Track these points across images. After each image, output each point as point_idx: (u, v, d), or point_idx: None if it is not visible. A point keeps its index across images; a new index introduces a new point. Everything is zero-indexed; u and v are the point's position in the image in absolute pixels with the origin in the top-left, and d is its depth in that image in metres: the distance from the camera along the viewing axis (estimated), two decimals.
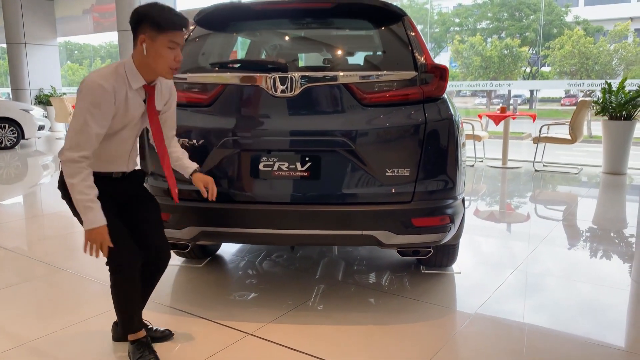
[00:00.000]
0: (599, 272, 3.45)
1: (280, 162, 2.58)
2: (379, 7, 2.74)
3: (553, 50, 24.03)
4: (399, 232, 2.57)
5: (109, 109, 1.98)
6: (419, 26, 34.54)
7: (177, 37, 2.01)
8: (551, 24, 27.84)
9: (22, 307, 2.91)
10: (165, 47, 2.00)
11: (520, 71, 26.42)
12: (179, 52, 2.05)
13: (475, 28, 30.00)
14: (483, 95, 21.04)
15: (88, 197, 1.95)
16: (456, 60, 27.71)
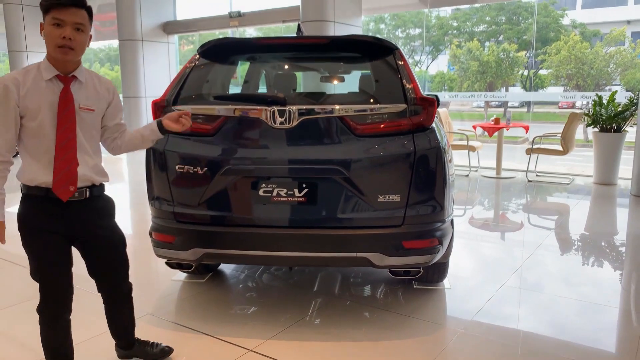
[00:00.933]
0: (587, 285, 3.62)
1: (279, 189, 2.75)
2: (372, 42, 2.92)
3: (549, 55, 24.25)
4: (390, 254, 2.74)
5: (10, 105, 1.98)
6: (417, 30, 34.64)
7: (61, 14, 1.97)
8: (548, 27, 28.04)
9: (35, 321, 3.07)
10: (51, 26, 1.99)
11: (517, 75, 26.62)
12: (67, 30, 1.98)
13: (473, 32, 30.20)
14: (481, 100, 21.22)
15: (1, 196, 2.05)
16: (454, 64, 27.93)
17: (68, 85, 2.07)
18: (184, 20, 12.15)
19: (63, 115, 2.05)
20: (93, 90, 2.17)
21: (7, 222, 2.11)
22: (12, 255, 4.37)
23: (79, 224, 2.18)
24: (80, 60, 2.12)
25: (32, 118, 2.02)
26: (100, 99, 2.19)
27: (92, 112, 2.15)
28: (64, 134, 2.05)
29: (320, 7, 8.60)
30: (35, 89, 2.01)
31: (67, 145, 2.06)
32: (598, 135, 7.20)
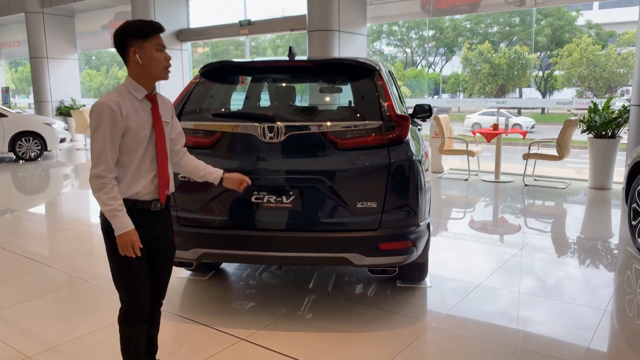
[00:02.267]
0: (564, 285, 3.91)
1: (269, 196, 3.10)
2: (354, 64, 3.26)
3: (561, 57, 24.29)
4: (367, 255, 3.08)
5: (118, 125, 2.13)
6: (431, 32, 34.62)
7: (160, 40, 2.21)
8: (562, 29, 28.00)
9: (49, 315, 3.46)
10: (155, 51, 2.18)
11: (529, 78, 26.66)
12: (167, 54, 2.24)
13: (487, 33, 30.25)
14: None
15: (112, 206, 2.12)
16: (465, 67, 28.05)
17: (156, 103, 2.28)
18: (197, 28, 12.59)
19: (159, 131, 2.26)
20: (163, 105, 2.36)
21: (29, 222, 2.45)
22: (31, 253, 4.78)
23: (158, 233, 2.33)
24: None
25: (132, 135, 2.18)
26: (168, 113, 2.39)
27: (168, 125, 2.36)
28: (162, 148, 2.27)
29: (325, 17, 8.94)
30: (133, 109, 2.19)
31: (164, 157, 2.29)
32: (593, 142, 7.43)
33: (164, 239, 2.40)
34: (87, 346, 3.01)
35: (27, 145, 10.97)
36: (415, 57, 35.38)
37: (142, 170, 2.24)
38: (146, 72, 2.21)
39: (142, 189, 2.24)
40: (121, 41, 2.19)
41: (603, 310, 3.42)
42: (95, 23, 15.29)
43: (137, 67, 2.19)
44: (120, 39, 2.19)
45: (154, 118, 2.26)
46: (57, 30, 14.95)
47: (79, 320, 3.37)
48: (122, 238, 2.14)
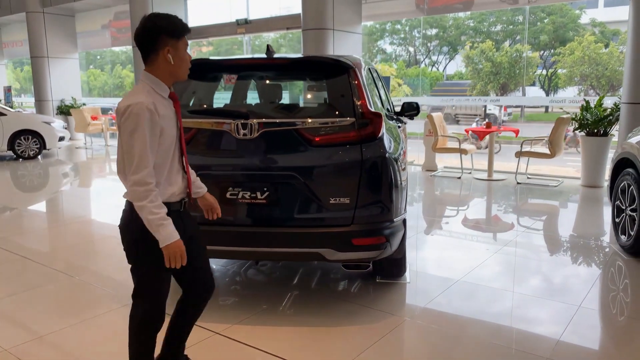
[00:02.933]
0: (541, 281, 3.93)
1: (244, 192, 3.15)
2: (329, 62, 3.29)
3: (563, 55, 24.21)
4: (340, 250, 3.11)
5: (156, 127, 2.03)
6: (434, 30, 34.57)
7: (186, 38, 2.14)
8: (565, 27, 27.89)
9: (38, 308, 3.52)
10: (185, 52, 2.11)
11: (532, 76, 26.58)
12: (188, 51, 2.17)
13: (490, 32, 30.19)
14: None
15: (158, 215, 1.99)
16: (467, 65, 28.00)
17: (177, 100, 2.20)
18: (195, 27, 12.64)
19: (181, 129, 2.21)
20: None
21: (23, 219, 2.50)
22: (23, 249, 4.85)
23: (190, 232, 2.26)
24: None
25: (166, 136, 2.09)
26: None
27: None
28: (183, 146, 2.22)
29: (319, 16, 8.97)
30: (163, 109, 2.08)
31: (187, 164, 2.25)
32: (585, 139, 7.43)
33: (195, 235, 2.33)
34: (71, 336, 3.07)
35: (26, 144, 11.07)
36: (418, 56, 35.37)
37: (174, 170, 2.16)
38: (173, 72, 2.12)
39: (177, 190, 2.18)
40: (154, 37, 2.04)
41: (577, 306, 3.44)
42: (95, 22, 15.38)
43: (166, 66, 2.08)
44: (154, 34, 2.04)
45: (177, 116, 2.19)
46: (58, 30, 15.06)
47: (66, 313, 3.43)
48: (170, 249, 2.02)
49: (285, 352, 2.88)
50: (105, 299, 3.66)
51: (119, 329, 3.07)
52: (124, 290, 3.77)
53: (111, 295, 3.71)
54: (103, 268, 4.35)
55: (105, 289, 3.83)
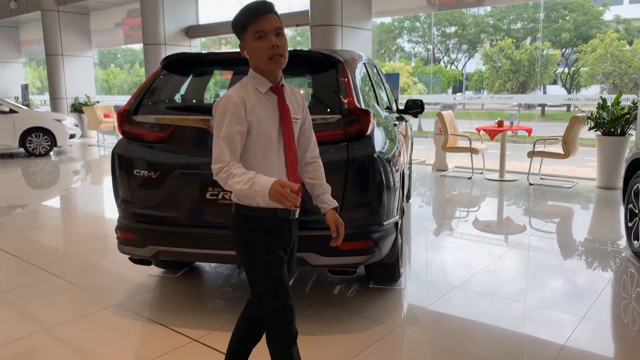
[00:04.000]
0: (544, 290, 3.71)
1: (224, 192, 2.99)
2: (318, 57, 3.12)
3: (585, 53, 23.61)
4: (325, 254, 2.94)
5: (241, 120, 1.91)
6: (453, 27, 34.17)
7: (261, 24, 1.88)
8: (587, 24, 27.24)
9: (49, 301, 3.43)
10: (254, 40, 1.90)
11: (552, 75, 25.99)
12: (272, 38, 1.88)
13: (510, 29, 29.65)
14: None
15: (246, 176, 1.85)
16: (485, 63, 27.53)
17: (282, 95, 1.99)
18: (206, 25, 12.58)
19: (286, 127, 1.98)
20: (293, 98, 2.08)
21: (21, 218, 2.39)
22: (12, 247, 4.79)
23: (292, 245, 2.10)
24: None
25: (259, 132, 1.95)
26: (299, 107, 2.09)
27: (298, 122, 2.06)
28: (290, 147, 1.99)
29: (327, 12, 8.79)
30: (258, 103, 1.95)
31: (294, 158, 2.01)
32: (601, 139, 7.13)
33: (294, 249, 2.14)
34: (80, 328, 2.96)
35: (37, 141, 11.13)
36: (437, 54, 34.93)
37: (274, 172, 1.96)
38: (256, 66, 1.95)
39: None
40: (237, 36, 1.96)
41: (581, 316, 3.21)
42: (109, 20, 15.45)
43: (250, 61, 1.96)
44: (236, 33, 1.96)
45: (280, 112, 1.97)
46: (73, 28, 15.15)
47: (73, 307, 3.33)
48: (274, 195, 1.78)
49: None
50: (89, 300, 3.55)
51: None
52: (107, 291, 3.67)
53: (94, 297, 3.60)
54: (99, 266, 4.26)
55: (91, 290, 3.72)
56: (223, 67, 3.46)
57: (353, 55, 3.54)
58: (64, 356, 2.82)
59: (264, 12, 1.89)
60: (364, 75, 3.66)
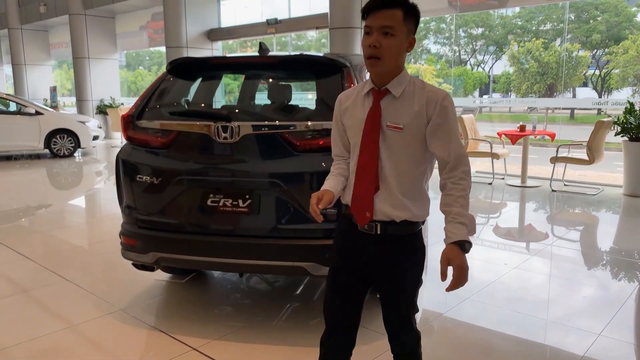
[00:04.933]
0: (559, 305, 3.56)
1: (225, 199, 2.94)
2: (323, 62, 3.06)
3: (616, 55, 22.97)
4: (325, 264, 2.86)
5: (336, 118, 1.92)
6: (479, 29, 33.69)
7: (369, 20, 1.72)
8: (619, 25, 26.52)
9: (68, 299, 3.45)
10: (363, 35, 1.76)
11: (581, 77, 25.34)
12: (373, 37, 1.70)
13: (538, 30, 29.05)
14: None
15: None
16: (512, 65, 27.03)
17: (377, 100, 1.79)
18: (227, 28, 12.64)
19: (367, 134, 1.79)
20: (408, 104, 1.78)
21: (34, 219, 2.40)
22: (23, 249, 4.84)
23: (370, 261, 1.87)
24: (399, 70, 1.78)
25: (350, 134, 1.87)
26: (415, 115, 1.76)
27: (399, 131, 1.76)
28: (364, 154, 1.80)
29: (347, 14, 8.72)
30: (353, 105, 1.85)
31: (367, 167, 1.79)
32: (627, 145, 6.87)
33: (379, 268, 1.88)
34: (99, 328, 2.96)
35: (62, 143, 11.33)
36: (463, 56, 34.48)
37: (351, 178, 1.87)
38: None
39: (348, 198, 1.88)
40: None
41: (597, 334, 3.06)
42: (134, 23, 15.68)
43: None
44: None
45: (367, 117, 1.80)
46: (99, 31, 15.42)
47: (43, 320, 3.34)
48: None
49: None
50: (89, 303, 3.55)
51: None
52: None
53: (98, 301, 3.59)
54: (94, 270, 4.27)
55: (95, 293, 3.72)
56: (229, 72, 3.41)
57: (358, 59, 3.45)
58: None
59: (374, 7, 1.71)
60: None
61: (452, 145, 1.77)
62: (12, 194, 7.92)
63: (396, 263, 1.85)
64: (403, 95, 1.78)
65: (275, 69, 3.30)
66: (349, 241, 1.90)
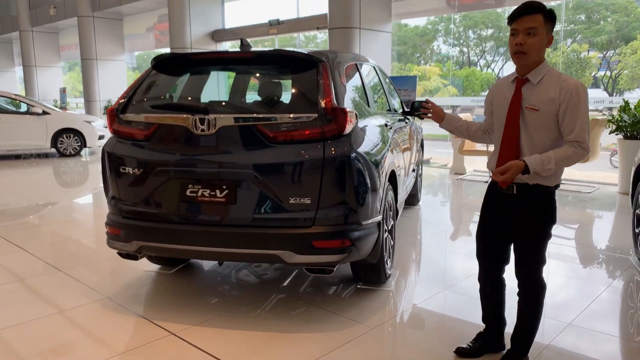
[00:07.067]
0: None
1: (203, 189, 3.05)
2: (299, 57, 3.16)
3: (625, 55, 22.79)
4: (299, 253, 2.96)
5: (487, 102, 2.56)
6: (489, 30, 33.45)
7: (515, 23, 2.24)
8: (629, 25, 26.30)
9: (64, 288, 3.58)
10: (510, 37, 2.27)
11: (589, 77, 25.16)
12: (519, 37, 2.22)
13: None
14: None
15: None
16: None
17: (519, 87, 2.32)
18: (231, 29, 12.80)
19: (511, 113, 2.33)
20: (544, 90, 2.27)
21: (36, 213, 2.52)
22: (22, 241, 4.98)
23: (508, 214, 2.43)
24: (539, 62, 2.28)
25: (496, 113, 2.43)
26: (549, 100, 2.26)
27: (535, 112, 2.28)
28: (508, 131, 2.34)
29: (345, 15, 8.81)
30: (500, 91, 2.42)
31: (509, 142, 2.33)
32: (622, 143, 6.88)
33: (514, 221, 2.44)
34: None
35: (68, 142, 11.55)
36: (473, 57, 34.38)
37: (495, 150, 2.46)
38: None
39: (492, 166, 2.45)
40: None
41: (567, 323, 3.12)
42: (141, 25, 15.92)
43: None
44: None
45: (510, 101, 2.33)
46: (107, 33, 15.68)
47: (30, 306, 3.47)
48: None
49: (233, 356, 2.76)
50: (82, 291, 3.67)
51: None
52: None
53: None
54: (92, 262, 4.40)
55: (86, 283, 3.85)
56: (210, 67, 3.53)
57: (340, 56, 3.54)
58: (35, 346, 2.92)
59: (518, 14, 2.24)
60: (352, 76, 3.66)
61: (578, 123, 2.23)
62: (18, 191, 8.11)
63: (527, 217, 2.38)
64: (541, 83, 2.28)
65: (253, 63, 3.41)
66: (493, 199, 2.49)
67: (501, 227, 2.47)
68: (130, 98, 3.32)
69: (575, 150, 2.25)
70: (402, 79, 9.20)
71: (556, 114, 2.25)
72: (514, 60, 2.28)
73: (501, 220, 2.46)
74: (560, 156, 2.25)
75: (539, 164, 2.24)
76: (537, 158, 2.24)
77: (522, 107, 2.29)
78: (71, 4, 16.19)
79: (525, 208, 2.37)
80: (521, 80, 2.31)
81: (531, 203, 2.37)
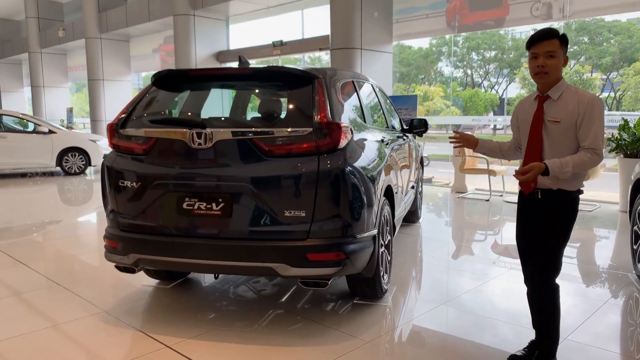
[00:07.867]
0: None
1: (199, 202, 3.09)
2: (295, 73, 3.23)
3: (627, 77, 22.92)
4: (294, 265, 2.98)
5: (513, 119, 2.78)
6: (493, 52, 33.74)
7: (535, 47, 2.49)
8: (632, 47, 26.50)
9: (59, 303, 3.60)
10: (530, 59, 2.53)
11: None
12: (540, 59, 2.47)
13: None
14: None
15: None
16: (523, 87, 27.08)
17: (541, 103, 2.56)
18: (235, 50, 12.99)
19: (533, 127, 2.57)
20: (564, 104, 2.51)
21: (36, 228, 2.58)
22: (21, 255, 5.02)
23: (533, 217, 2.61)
24: (558, 80, 2.52)
25: (522, 127, 2.66)
26: (569, 112, 2.49)
27: (557, 124, 2.50)
28: (531, 142, 2.57)
29: (347, 36, 8.95)
30: (523, 109, 2.67)
31: (532, 151, 2.55)
32: (623, 161, 6.89)
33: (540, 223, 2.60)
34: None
35: (73, 160, 11.66)
36: (476, 78, 34.64)
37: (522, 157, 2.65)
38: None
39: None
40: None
41: (563, 337, 3.10)
42: (147, 46, 16.17)
43: None
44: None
45: (533, 116, 2.57)
46: (114, 54, 15.95)
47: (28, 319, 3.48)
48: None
49: None
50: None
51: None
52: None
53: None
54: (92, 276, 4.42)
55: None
56: (209, 83, 3.61)
57: (339, 73, 3.61)
58: (31, 359, 2.93)
59: (537, 40, 2.49)
60: (350, 93, 3.72)
61: (592, 131, 2.45)
62: (23, 209, 8.18)
63: (548, 220, 2.56)
64: (560, 98, 2.52)
65: (251, 79, 3.48)
66: (522, 207, 2.70)
67: (532, 233, 2.64)
68: (130, 113, 3.39)
69: (590, 156, 2.45)
70: (402, 99, 9.29)
71: (575, 124, 2.47)
72: (536, 80, 2.54)
73: (531, 227, 2.64)
74: (577, 161, 2.44)
75: (558, 166, 2.43)
76: (557, 161, 2.44)
77: (544, 121, 2.52)
78: (80, 26, 16.51)
79: (550, 211, 2.55)
80: (543, 97, 2.55)
81: (555, 206, 2.55)
